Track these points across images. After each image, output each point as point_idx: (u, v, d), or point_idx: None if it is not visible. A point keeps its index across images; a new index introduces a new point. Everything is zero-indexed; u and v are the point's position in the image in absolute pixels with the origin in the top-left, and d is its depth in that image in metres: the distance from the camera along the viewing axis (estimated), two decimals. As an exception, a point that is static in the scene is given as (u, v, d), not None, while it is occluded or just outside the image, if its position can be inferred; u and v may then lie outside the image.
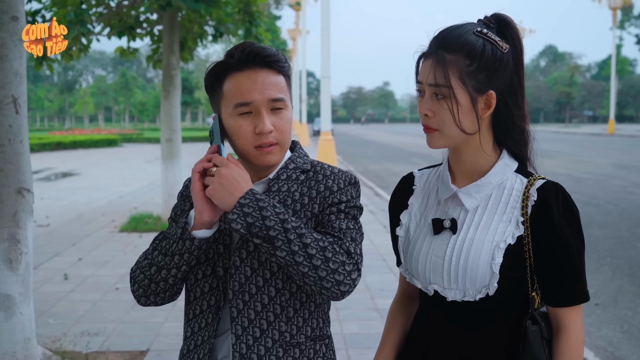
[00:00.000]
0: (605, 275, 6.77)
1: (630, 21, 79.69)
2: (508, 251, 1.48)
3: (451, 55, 1.45)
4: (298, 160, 1.64)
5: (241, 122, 1.53)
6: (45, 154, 28.71)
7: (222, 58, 1.58)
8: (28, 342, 4.05)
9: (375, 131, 65.47)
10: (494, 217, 1.51)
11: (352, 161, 22.92)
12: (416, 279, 1.61)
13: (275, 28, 36.85)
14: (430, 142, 1.53)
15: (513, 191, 1.52)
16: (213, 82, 1.58)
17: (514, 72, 1.50)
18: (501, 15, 1.53)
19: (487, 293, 1.48)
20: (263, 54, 1.53)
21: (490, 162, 1.55)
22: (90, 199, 13.06)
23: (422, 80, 1.50)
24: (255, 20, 9.57)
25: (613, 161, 21.43)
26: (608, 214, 10.50)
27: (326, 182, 1.59)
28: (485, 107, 1.48)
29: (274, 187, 1.58)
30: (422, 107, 1.50)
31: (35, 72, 21.19)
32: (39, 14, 8.06)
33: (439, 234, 1.56)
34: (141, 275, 1.58)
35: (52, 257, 7.60)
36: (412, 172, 1.75)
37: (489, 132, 1.54)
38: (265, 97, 1.52)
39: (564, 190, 1.50)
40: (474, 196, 1.53)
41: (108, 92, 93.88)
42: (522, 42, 1.53)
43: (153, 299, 1.60)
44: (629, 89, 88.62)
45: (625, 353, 4.66)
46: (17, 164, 3.95)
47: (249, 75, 1.52)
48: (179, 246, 1.50)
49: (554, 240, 1.46)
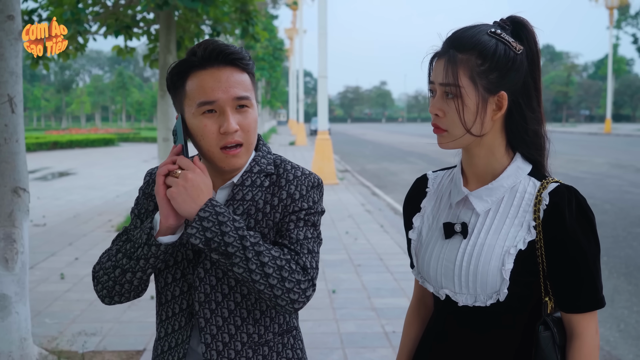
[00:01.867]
0: (601, 274, 6.77)
1: (626, 21, 79.79)
2: (519, 256, 1.45)
3: (463, 54, 1.43)
4: (262, 161, 1.60)
5: (205, 122, 1.49)
6: (42, 154, 28.67)
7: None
8: (24, 341, 4.04)
9: (372, 131, 65.49)
10: (505, 221, 1.49)
11: (349, 160, 22.92)
12: (428, 282, 1.60)
13: (272, 27, 36.77)
14: (440, 143, 1.51)
15: (525, 195, 1.49)
16: (175, 81, 1.53)
17: (528, 74, 1.48)
18: (517, 17, 1.51)
19: (498, 299, 1.46)
20: (227, 51, 1.49)
21: (503, 165, 1.52)
22: (86, 198, 13.05)
23: (434, 79, 1.48)
24: (252, 20, 9.55)
25: (610, 160, 21.47)
26: (605, 213, 10.52)
27: (289, 187, 1.57)
28: (496, 109, 1.46)
29: (238, 195, 1.55)
30: (432, 107, 1.48)
31: (32, 71, 21.12)
32: (35, 13, 8.03)
33: (450, 238, 1.54)
34: (105, 276, 1.56)
35: (48, 256, 7.59)
36: (425, 174, 1.72)
37: (502, 134, 1.51)
38: (229, 95, 1.48)
39: (577, 193, 1.47)
40: (485, 200, 1.51)
41: (105, 91, 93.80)
42: (538, 45, 1.49)
43: (117, 299, 1.59)
44: (625, 88, 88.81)
45: (621, 352, 4.67)
46: (13, 163, 3.94)
47: (213, 73, 1.48)
48: (145, 251, 1.48)
49: (567, 244, 1.43)
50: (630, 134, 45.60)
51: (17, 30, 3.90)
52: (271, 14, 36.34)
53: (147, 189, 1.65)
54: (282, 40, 49.21)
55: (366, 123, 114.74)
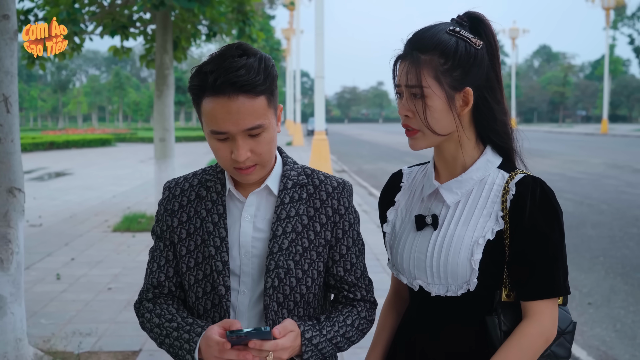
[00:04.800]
0: (598, 274, 6.78)
1: (623, 21, 79.95)
2: (488, 247, 1.49)
3: (425, 55, 1.47)
4: (292, 174, 1.62)
5: (218, 146, 1.49)
6: (38, 154, 28.60)
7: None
8: (19, 342, 4.02)
9: (369, 131, 65.51)
10: (474, 212, 1.52)
11: (346, 161, 22.92)
12: (402, 274, 1.64)
13: (269, 28, 36.80)
14: (412, 145, 1.54)
15: (494, 186, 1.53)
16: (194, 96, 1.50)
17: (490, 68, 1.52)
18: (474, 13, 1.55)
19: (469, 288, 1.50)
20: (238, 83, 1.41)
21: (473, 158, 1.56)
22: (83, 198, 13.01)
23: (400, 82, 1.52)
24: (249, 20, 9.55)
25: (606, 161, 21.49)
26: (601, 214, 10.53)
27: (331, 202, 1.61)
28: (463, 104, 1.50)
29: (282, 215, 1.56)
30: (402, 108, 1.52)
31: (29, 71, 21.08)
32: (31, 13, 8.02)
33: (421, 230, 1.58)
34: (149, 332, 1.62)
35: (44, 257, 7.57)
36: (401, 170, 1.77)
37: (471, 128, 1.55)
38: (239, 128, 1.44)
39: (543, 184, 1.50)
40: (455, 192, 1.55)
41: (102, 91, 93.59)
42: (496, 38, 1.54)
43: None
44: (622, 88, 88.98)
45: (618, 352, 4.67)
46: (8, 163, 3.93)
47: (224, 104, 1.42)
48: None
49: (527, 233, 1.46)
50: (627, 134, 45.67)
51: (13, 29, 3.89)
52: (268, 14, 36.37)
53: (169, 205, 1.64)
54: (279, 40, 49.25)
55: (363, 123, 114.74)
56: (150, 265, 1.64)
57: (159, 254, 1.63)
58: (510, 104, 75.04)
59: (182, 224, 1.60)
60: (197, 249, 1.58)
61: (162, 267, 1.62)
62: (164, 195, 1.66)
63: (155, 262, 1.64)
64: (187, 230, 1.59)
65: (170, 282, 1.63)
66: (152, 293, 1.62)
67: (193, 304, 1.60)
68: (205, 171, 1.66)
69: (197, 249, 1.58)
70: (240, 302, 1.57)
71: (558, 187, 13.61)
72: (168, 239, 1.62)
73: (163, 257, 1.63)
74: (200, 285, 1.58)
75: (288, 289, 1.55)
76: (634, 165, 19.75)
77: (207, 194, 1.60)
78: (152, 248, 1.67)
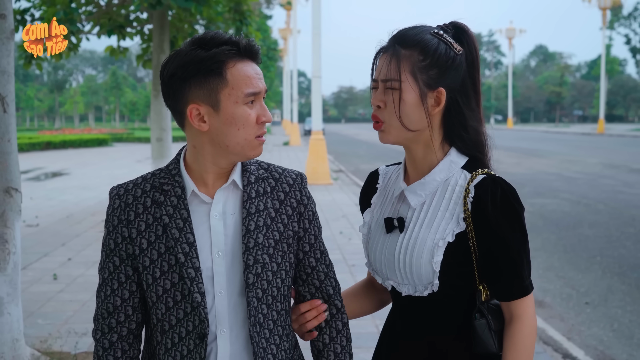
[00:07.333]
0: (595, 274, 6.80)
1: (619, 21, 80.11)
2: (449, 248, 1.52)
3: (406, 50, 1.53)
4: (252, 167, 1.60)
5: (249, 112, 1.48)
6: (35, 154, 28.56)
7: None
8: (16, 342, 4.01)
9: (366, 131, 65.52)
10: (437, 214, 1.55)
11: (343, 161, 22.93)
12: (377, 274, 1.69)
13: (266, 27, 36.71)
14: (381, 137, 1.59)
15: (457, 187, 1.55)
16: (213, 68, 1.45)
17: (467, 75, 1.56)
18: (458, 23, 1.61)
19: (433, 289, 1.54)
20: (255, 47, 1.53)
21: (438, 159, 1.59)
22: (80, 198, 13.00)
23: (376, 77, 1.56)
24: (245, 20, 9.54)
25: (603, 160, 21.53)
26: (598, 213, 10.56)
27: (294, 193, 1.61)
28: (435, 104, 1.54)
29: (252, 209, 1.54)
30: (375, 99, 1.56)
31: (25, 71, 21.01)
32: (27, 13, 8.00)
33: (390, 233, 1.62)
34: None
35: (41, 257, 7.55)
36: (377, 169, 1.80)
37: (439, 130, 1.58)
38: (264, 87, 1.53)
39: (503, 184, 1.52)
40: (419, 194, 1.58)
41: (98, 91, 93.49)
42: (477, 49, 1.59)
43: None
44: (618, 88, 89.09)
45: (615, 352, 4.68)
46: (5, 163, 3.92)
47: (252, 66, 1.51)
48: None
49: (490, 235, 1.50)
50: (623, 134, 45.76)
51: (9, 29, 3.88)
52: (265, 14, 36.33)
53: (124, 215, 1.54)
54: (276, 40, 49.17)
55: (360, 123, 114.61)
56: (103, 288, 1.55)
57: (111, 275, 1.55)
58: (507, 104, 75.10)
59: (141, 233, 1.51)
60: (161, 257, 1.50)
61: (116, 291, 1.54)
62: (115, 205, 1.55)
63: (108, 285, 1.55)
64: (148, 240, 1.51)
65: (127, 306, 1.55)
66: (107, 325, 1.56)
67: (163, 315, 1.52)
68: (157, 175, 1.57)
69: (160, 258, 1.50)
70: (219, 303, 1.52)
71: (555, 187, 13.67)
72: (124, 252, 1.53)
73: (116, 280, 1.54)
74: (170, 295, 1.51)
75: (265, 283, 1.53)
76: (630, 165, 19.80)
77: (165, 198, 1.52)
78: (101, 266, 1.57)
